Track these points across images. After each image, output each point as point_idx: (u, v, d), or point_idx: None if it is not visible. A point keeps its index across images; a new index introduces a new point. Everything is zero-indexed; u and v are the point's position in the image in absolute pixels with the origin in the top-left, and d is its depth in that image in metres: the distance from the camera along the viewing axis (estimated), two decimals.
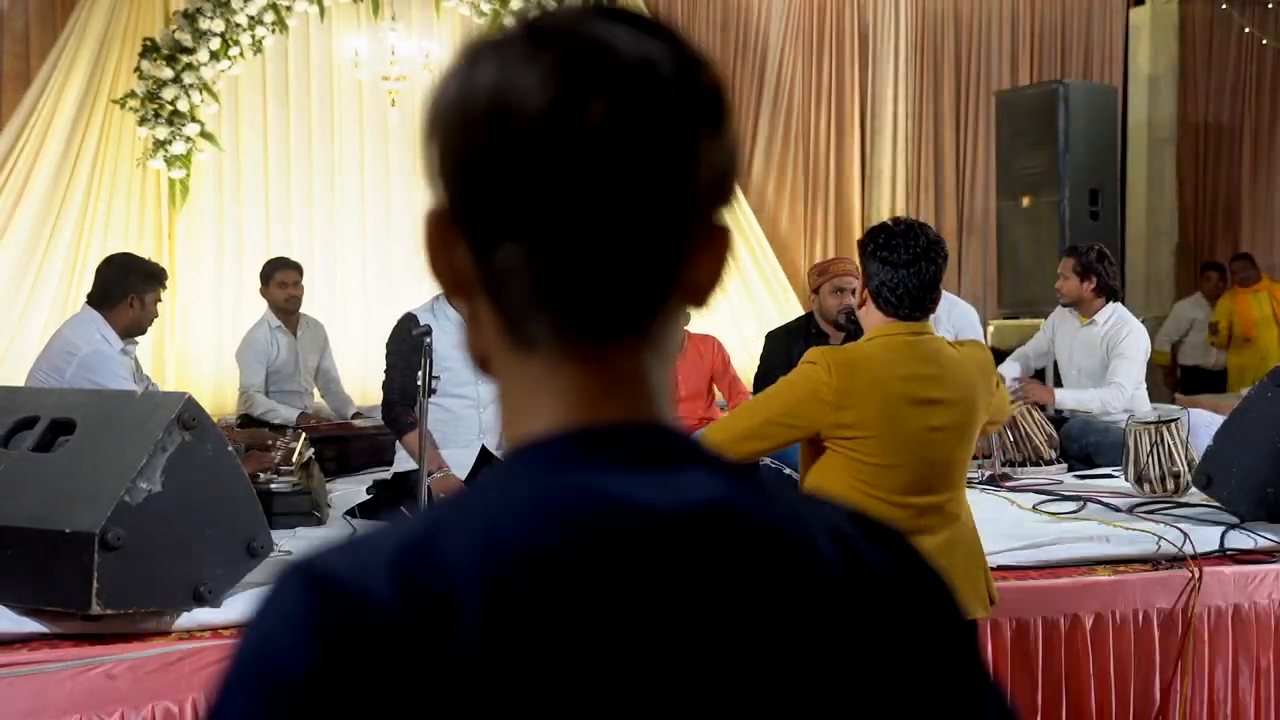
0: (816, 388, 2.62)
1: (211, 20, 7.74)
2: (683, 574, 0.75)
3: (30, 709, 2.81)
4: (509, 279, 0.79)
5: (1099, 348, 5.56)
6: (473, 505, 0.79)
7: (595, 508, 0.76)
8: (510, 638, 0.71)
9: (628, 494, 0.77)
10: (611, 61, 0.76)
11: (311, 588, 0.73)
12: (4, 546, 2.96)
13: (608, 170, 0.76)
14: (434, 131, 0.81)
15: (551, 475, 0.78)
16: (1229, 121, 10.72)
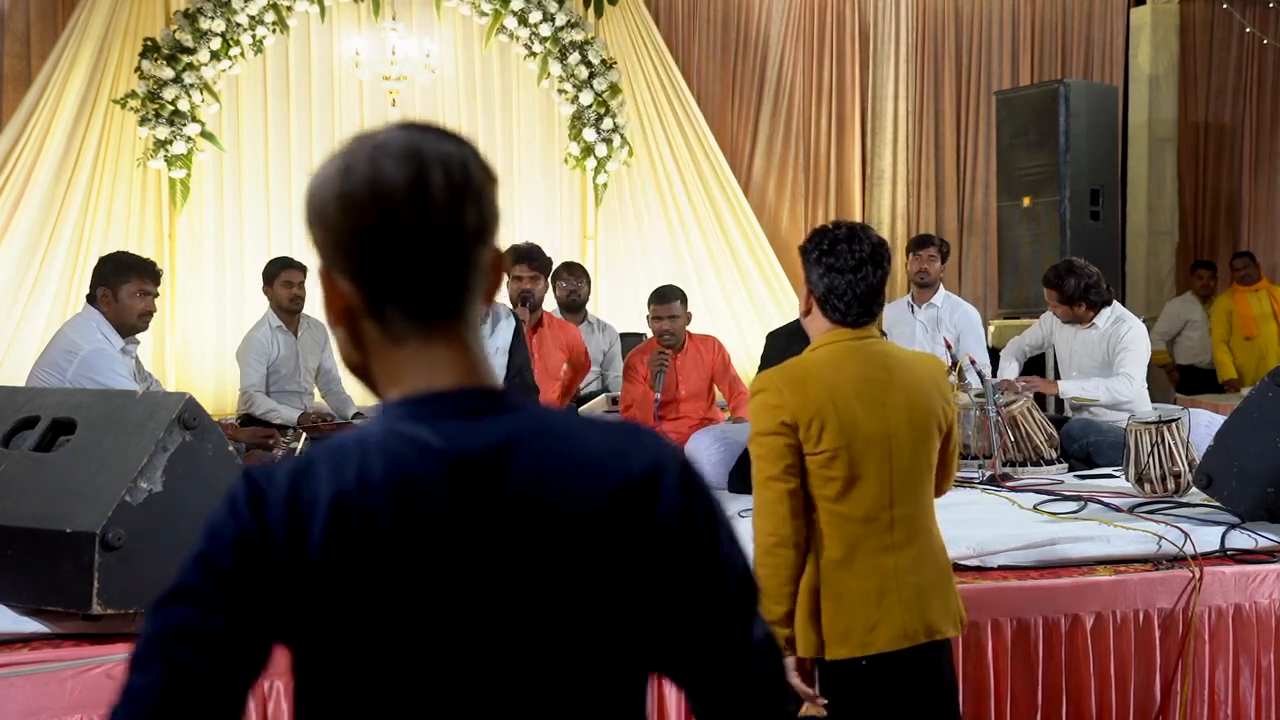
0: (775, 415, 2.56)
1: (212, 20, 7.75)
2: (468, 497, 1.18)
3: (31, 709, 2.81)
4: (386, 296, 1.23)
5: (1099, 348, 5.55)
6: (339, 445, 1.21)
7: (412, 450, 1.19)
8: (340, 546, 1.16)
9: (441, 439, 1.19)
10: (433, 154, 1.24)
11: (248, 482, 1.22)
12: (5, 546, 2.96)
13: (443, 218, 1.22)
14: (321, 217, 1.28)
15: (392, 426, 1.21)
16: (1230, 121, 10.71)
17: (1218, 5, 10.31)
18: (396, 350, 1.24)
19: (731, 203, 9.08)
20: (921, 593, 2.60)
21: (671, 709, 3.28)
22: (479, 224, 1.25)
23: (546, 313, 6.16)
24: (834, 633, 2.54)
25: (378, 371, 1.27)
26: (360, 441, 1.21)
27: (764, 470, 2.57)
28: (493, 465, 1.20)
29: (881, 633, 2.54)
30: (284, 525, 1.18)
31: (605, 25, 8.88)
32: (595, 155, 8.72)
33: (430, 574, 1.17)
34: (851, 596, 2.55)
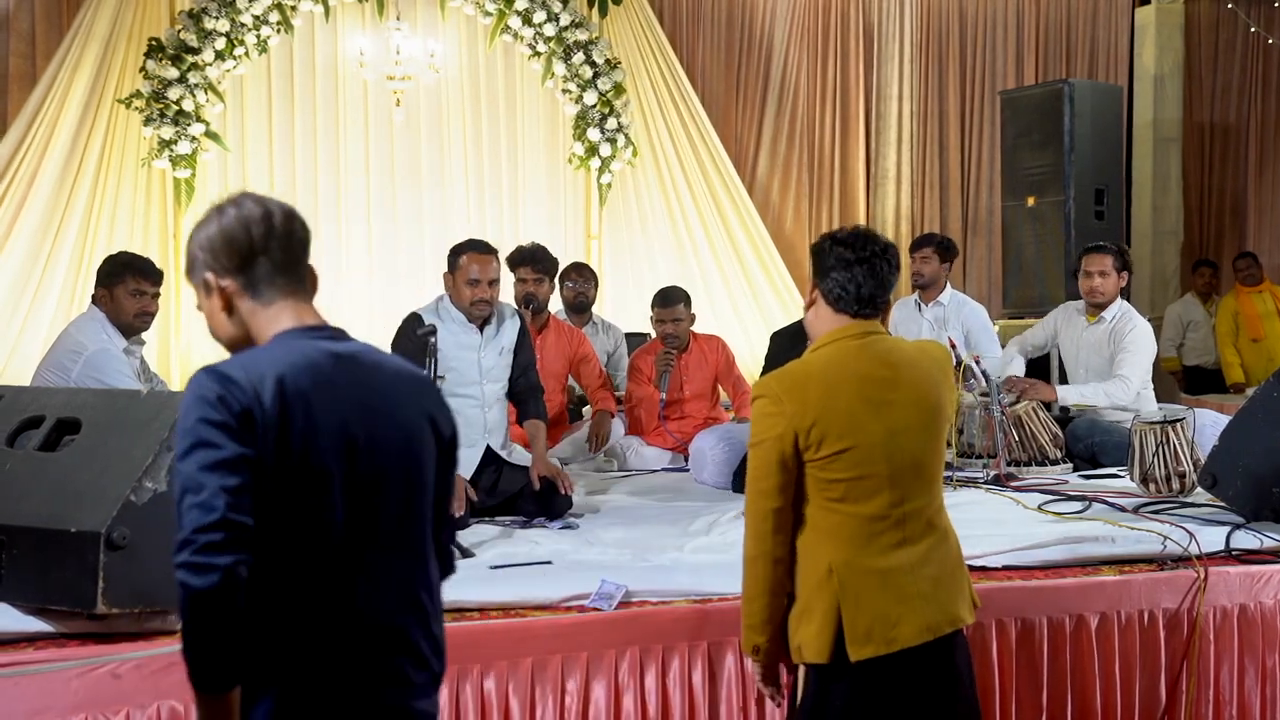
0: (773, 424, 2.54)
1: (217, 20, 7.76)
2: (349, 375, 2.04)
3: (36, 708, 2.82)
4: (259, 278, 2.05)
5: (1107, 345, 5.52)
6: (263, 352, 2.01)
7: (317, 350, 2.02)
8: (283, 405, 1.92)
9: (328, 346, 2.05)
10: (267, 199, 2.10)
11: (213, 371, 1.93)
12: (10, 546, 2.96)
13: (286, 234, 2.07)
14: (208, 247, 2.05)
15: (298, 342, 2.03)
16: (1235, 121, 10.70)
17: (1222, 5, 10.30)
18: (269, 309, 2.06)
19: (736, 203, 9.08)
20: (939, 584, 2.60)
21: (674, 709, 3.28)
22: (304, 234, 2.12)
23: (555, 318, 6.14)
24: (856, 633, 2.51)
25: (259, 329, 2.06)
26: (275, 350, 2.01)
27: (755, 482, 2.57)
28: (356, 358, 2.09)
29: (904, 628, 2.53)
30: (248, 390, 1.91)
31: (609, 25, 8.88)
32: (599, 155, 8.72)
33: (337, 419, 1.99)
34: (870, 595, 2.53)
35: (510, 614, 3.26)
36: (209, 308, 2.08)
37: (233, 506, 1.85)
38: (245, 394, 1.90)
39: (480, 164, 8.68)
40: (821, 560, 2.55)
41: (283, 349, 2.00)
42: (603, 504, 4.86)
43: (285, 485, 1.93)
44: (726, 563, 3.57)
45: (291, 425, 1.92)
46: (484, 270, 4.50)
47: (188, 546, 1.84)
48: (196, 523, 1.84)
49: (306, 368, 1.97)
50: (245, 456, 1.88)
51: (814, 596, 2.55)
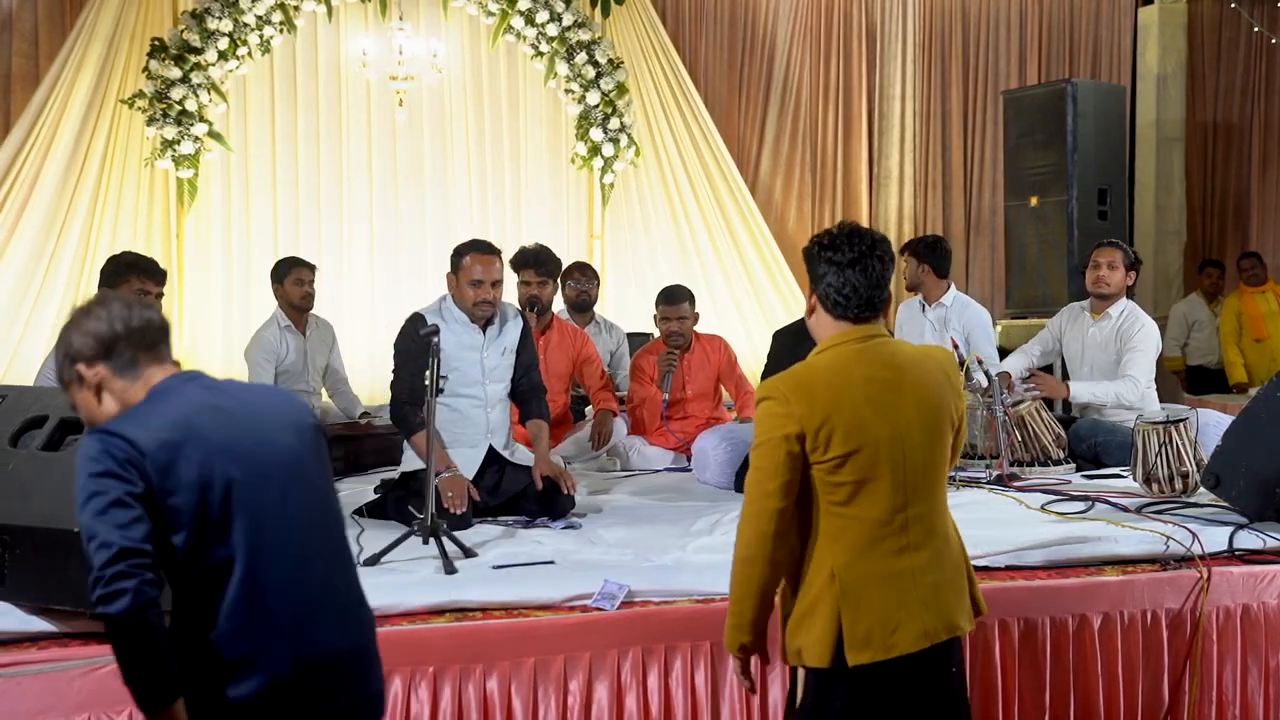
0: (781, 425, 2.52)
1: (219, 20, 7.76)
2: (224, 415, 2.29)
3: (40, 707, 2.82)
4: (122, 358, 2.27)
5: (1113, 343, 5.52)
6: (156, 405, 2.23)
7: (199, 398, 2.28)
8: (163, 457, 2.15)
9: (207, 394, 2.31)
10: (125, 299, 2.36)
11: (92, 432, 2.19)
12: (13, 545, 2.96)
13: (144, 319, 2.32)
14: (84, 350, 2.25)
15: (182, 390, 2.28)
16: (1238, 121, 10.69)
17: (1225, 4, 10.29)
18: (137, 375, 2.28)
19: (738, 202, 9.07)
20: (940, 591, 2.59)
21: (677, 708, 3.28)
22: (163, 319, 2.36)
23: (558, 318, 6.14)
24: (855, 637, 2.51)
25: (131, 396, 2.27)
26: (151, 400, 2.25)
27: (760, 483, 2.54)
28: (219, 388, 2.36)
29: (903, 634, 2.52)
30: (129, 438, 2.14)
31: (612, 25, 8.87)
32: (602, 155, 8.72)
33: (218, 439, 2.24)
34: (871, 600, 2.52)
35: (513, 614, 3.27)
36: (85, 395, 2.29)
37: (127, 537, 2.07)
38: (125, 442, 2.12)
39: (483, 164, 8.68)
40: (824, 564, 2.54)
41: (159, 396, 2.25)
42: (605, 504, 4.86)
43: (182, 506, 2.16)
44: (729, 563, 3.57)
45: (178, 452, 2.17)
46: (487, 271, 4.50)
47: (98, 583, 2.05)
48: (100, 561, 2.05)
49: (183, 404, 2.23)
50: (131, 493, 2.10)
51: (816, 601, 2.53)
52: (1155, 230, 10.00)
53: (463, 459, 4.46)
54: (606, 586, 3.33)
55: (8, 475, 3.11)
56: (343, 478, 5.40)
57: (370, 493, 4.83)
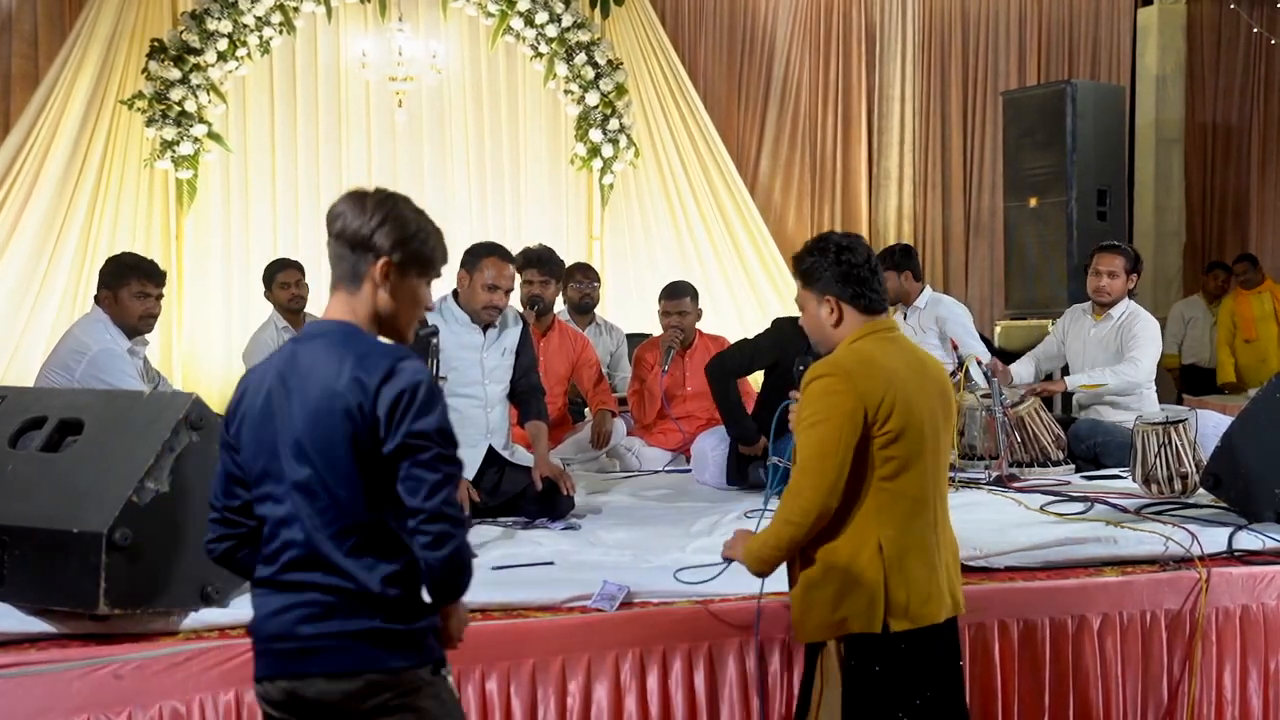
0: (845, 400, 2.63)
1: (219, 21, 7.76)
2: (289, 361, 2.25)
3: (39, 708, 2.82)
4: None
5: (1114, 341, 5.53)
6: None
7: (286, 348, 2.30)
8: (236, 404, 2.30)
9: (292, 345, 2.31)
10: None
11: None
12: (12, 546, 2.96)
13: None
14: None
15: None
16: (1237, 121, 10.70)
17: (1225, 5, 10.29)
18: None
19: (737, 203, 9.08)
20: (950, 569, 2.79)
21: (676, 709, 3.28)
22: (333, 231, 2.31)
23: (559, 320, 6.14)
24: (897, 606, 2.65)
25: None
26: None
27: (823, 457, 2.62)
28: (299, 341, 2.29)
29: (933, 605, 2.69)
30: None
31: (611, 26, 8.88)
32: (601, 156, 8.73)
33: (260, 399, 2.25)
34: (910, 571, 2.67)
35: (512, 615, 3.26)
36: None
37: (215, 495, 2.32)
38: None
39: (482, 164, 8.68)
40: (870, 537, 2.66)
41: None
42: (605, 505, 4.86)
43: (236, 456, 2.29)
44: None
45: (235, 409, 2.28)
46: (501, 277, 4.50)
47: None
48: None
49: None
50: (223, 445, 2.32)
51: (861, 572, 2.65)
52: (1154, 231, 10.01)
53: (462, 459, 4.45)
54: (606, 587, 3.33)
55: (7, 476, 3.11)
56: None
57: None
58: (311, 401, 2.18)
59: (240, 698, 2.97)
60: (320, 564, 2.19)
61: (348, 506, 2.18)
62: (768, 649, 3.32)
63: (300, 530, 2.20)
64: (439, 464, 2.17)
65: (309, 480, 2.18)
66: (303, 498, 2.19)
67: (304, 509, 2.19)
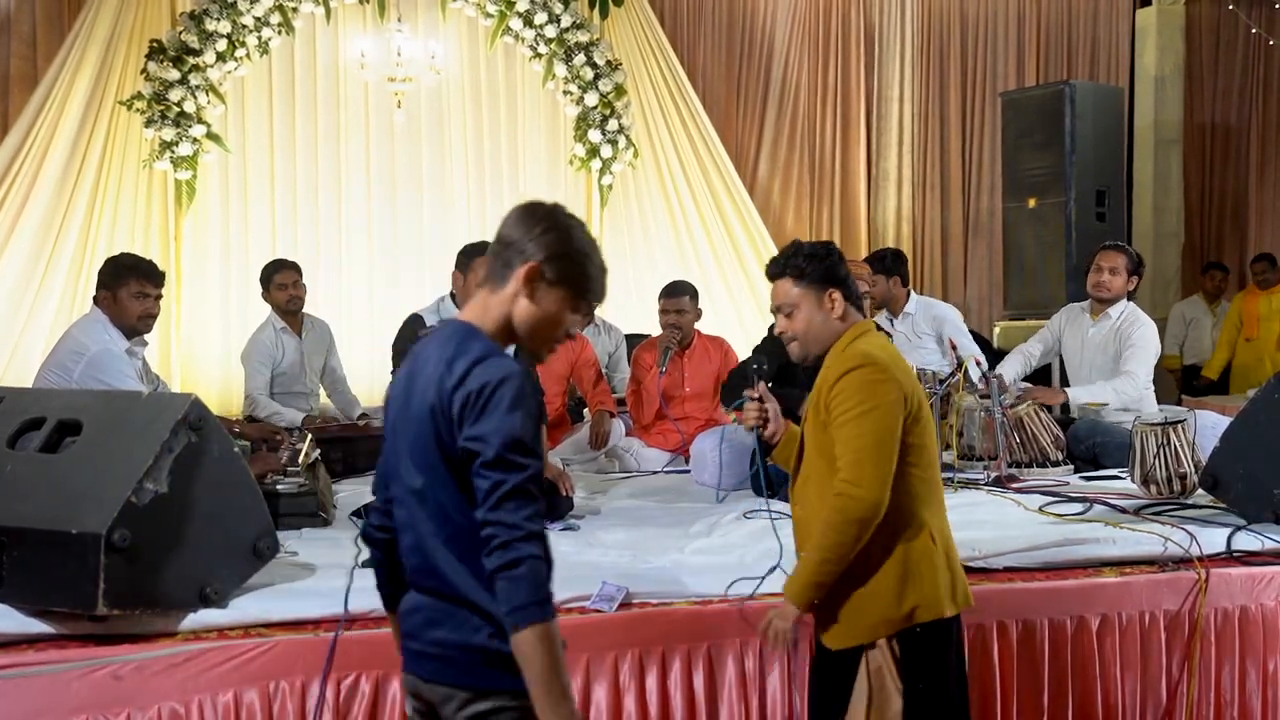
0: (894, 389, 2.69)
1: (218, 22, 7.76)
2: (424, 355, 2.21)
3: (37, 709, 2.82)
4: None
5: (1111, 343, 5.53)
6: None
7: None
8: (389, 396, 2.30)
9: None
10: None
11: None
12: (11, 547, 2.96)
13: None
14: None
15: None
16: (1236, 122, 10.70)
17: (1223, 6, 10.30)
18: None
19: (737, 204, 9.08)
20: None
21: (675, 710, 3.28)
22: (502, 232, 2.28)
23: None
24: (958, 590, 2.74)
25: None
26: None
27: (882, 444, 2.65)
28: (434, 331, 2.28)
29: (960, 590, 2.76)
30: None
31: (610, 27, 8.88)
32: (600, 156, 8.72)
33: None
34: (952, 556, 2.76)
35: None
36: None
37: (374, 484, 2.40)
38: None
39: (481, 165, 8.68)
40: (921, 523, 2.72)
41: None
42: (603, 505, 4.86)
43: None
44: (727, 564, 3.58)
45: (388, 400, 2.30)
46: None
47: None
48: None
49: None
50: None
51: (922, 558, 2.69)
52: (1153, 232, 10.01)
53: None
54: (605, 588, 3.33)
55: (6, 477, 3.11)
56: (340, 479, 5.40)
57: (369, 494, 4.81)
58: (415, 402, 2.16)
59: (239, 698, 2.97)
60: (432, 570, 2.16)
61: (450, 511, 2.12)
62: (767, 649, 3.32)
63: (414, 535, 2.18)
64: (495, 470, 2.04)
65: (420, 484, 2.15)
66: (415, 501, 2.16)
67: (417, 513, 2.16)
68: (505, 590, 2.01)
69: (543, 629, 1.99)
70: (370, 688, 3.07)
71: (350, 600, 3.17)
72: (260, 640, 3.03)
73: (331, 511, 4.49)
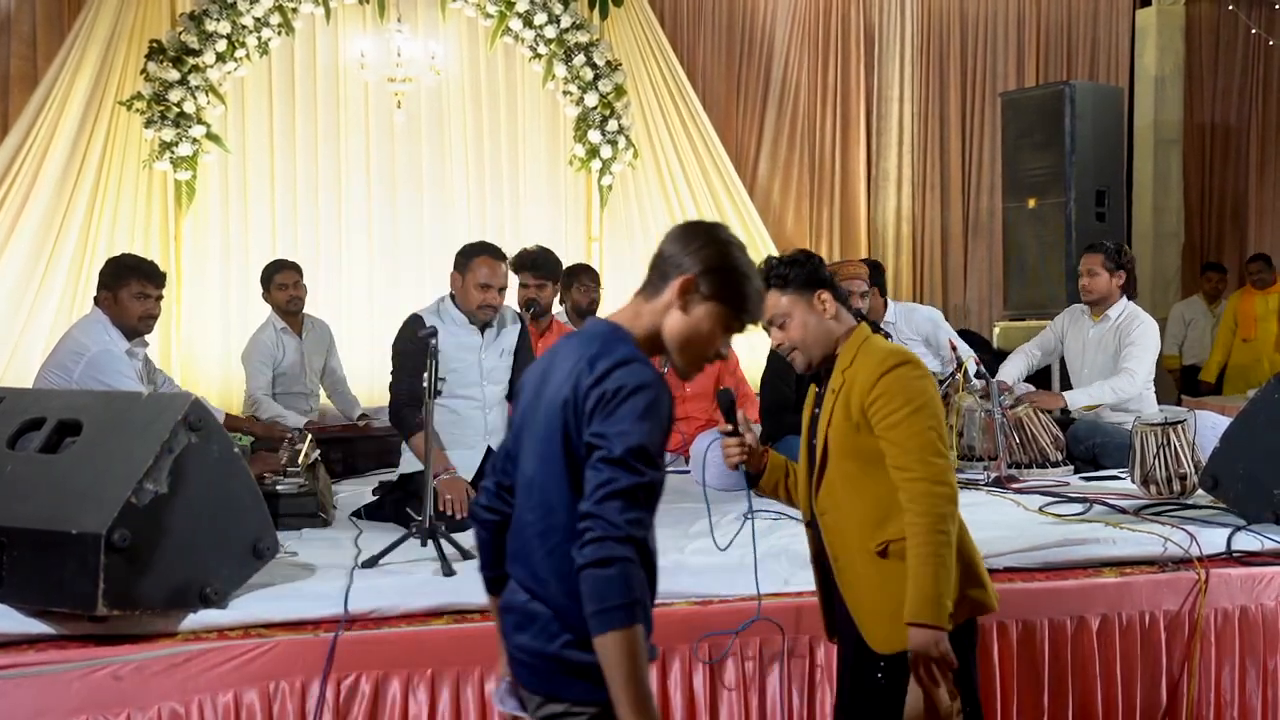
0: (930, 386, 2.69)
1: (218, 22, 7.76)
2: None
3: (38, 709, 2.82)
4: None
5: (1111, 342, 5.53)
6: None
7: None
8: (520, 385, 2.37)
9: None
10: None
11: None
12: (11, 548, 2.96)
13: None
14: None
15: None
16: (1235, 122, 10.70)
17: (1223, 6, 10.30)
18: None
19: (737, 204, 9.07)
20: None
21: (675, 710, 3.28)
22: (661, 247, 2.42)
23: (557, 320, 6.14)
24: (988, 582, 2.75)
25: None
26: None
27: (940, 439, 2.63)
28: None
29: (990, 587, 2.76)
30: None
31: (610, 27, 8.88)
32: (600, 157, 8.72)
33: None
34: (977, 554, 2.76)
35: None
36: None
37: (492, 465, 2.39)
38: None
39: (481, 165, 8.67)
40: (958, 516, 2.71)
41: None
42: None
43: None
44: (727, 564, 3.58)
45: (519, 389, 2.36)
46: (495, 275, 4.51)
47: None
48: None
49: None
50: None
51: (965, 548, 2.70)
52: (1153, 232, 10.01)
53: (461, 460, 4.46)
54: None
55: (6, 477, 3.11)
56: (340, 480, 5.40)
57: (369, 495, 4.83)
58: (549, 392, 2.16)
59: (239, 699, 2.97)
60: (526, 560, 2.16)
61: (555, 505, 2.09)
62: (767, 649, 3.32)
63: (518, 521, 2.19)
64: (612, 467, 2.00)
65: (533, 473, 2.15)
66: (525, 489, 2.17)
67: (524, 501, 2.17)
68: (592, 587, 1.95)
69: (626, 634, 1.93)
70: (370, 688, 3.07)
71: (350, 600, 3.18)
72: (260, 641, 3.03)
73: (331, 512, 4.49)
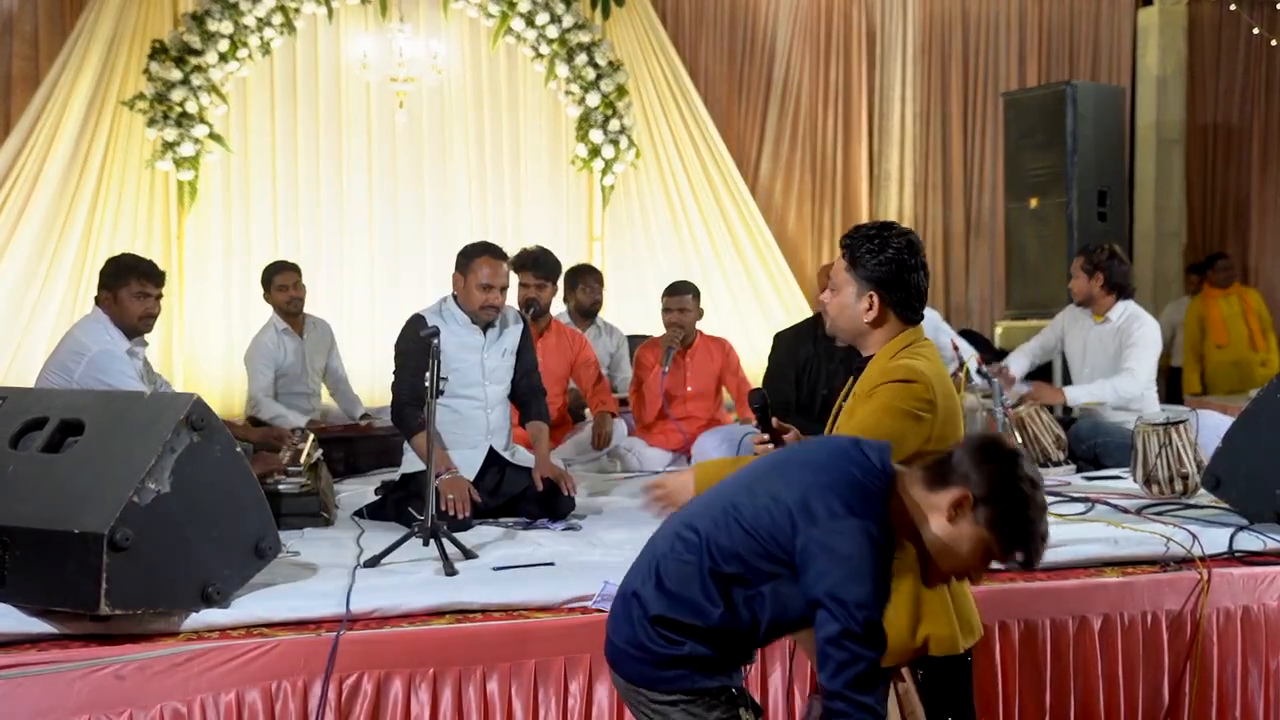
0: (927, 408, 2.59)
1: (220, 22, 7.76)
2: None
3: (39, 709, 2.82)
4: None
5: (1112, 343, 5.54)
6: None
7: None
8: None
9: None
10: None
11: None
12: (13, 547, 2.96)
13: None
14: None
15: None
16: (1237, 122, 10.69)
17: (1225, 6, 10.29)
18: None
19: (738, 204, 9.08)
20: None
21: None
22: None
23: (556, 320, 6.14)
24: (965, 624, 2.66)
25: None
26: None
27: (882, 431, 2.52)
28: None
29: (976, 618, 2.71)
30: None
31: (612, 27, 8.88)
32: (602, 157, 8.73)
33: None
34: (962, 590, 2.68)
35: (513, 615, 3.26)
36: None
37: None
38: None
39: (483, 165, 8.68)
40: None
41: None
42: (605, 505, 4.86)
43: None
44: None
45: None
46: (496, 276, 4.51)
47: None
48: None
49: None
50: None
51: (930, 594, 2.59)
52: (1155, 232, 10.01)
53: (463, 460, 4.46)
54: (607, 588, 3.33)
55: (8, 477, 3.11)
56: (343, 479, 5.40)
57: (371, 494, 4.83)
58: (791, 474, 2.18)
59: (241, 698, 2.97)
60: (639, 575, 2.28)
61: (703, 548, 2.17)
62: (767, 649, 3.32)
63: (661, 535, 2.29)
64: (854, 644, 2.04)
65: (707, 529, 2.20)
66: (689, 532, 2.22)
67: (678, 521, 2.27)
68: None
69: None
70: (372, 688, 3.07)
71: (352, 600, 3.18)
72: (262, 640, 3.03)
73: (333, 511, 4.49)
